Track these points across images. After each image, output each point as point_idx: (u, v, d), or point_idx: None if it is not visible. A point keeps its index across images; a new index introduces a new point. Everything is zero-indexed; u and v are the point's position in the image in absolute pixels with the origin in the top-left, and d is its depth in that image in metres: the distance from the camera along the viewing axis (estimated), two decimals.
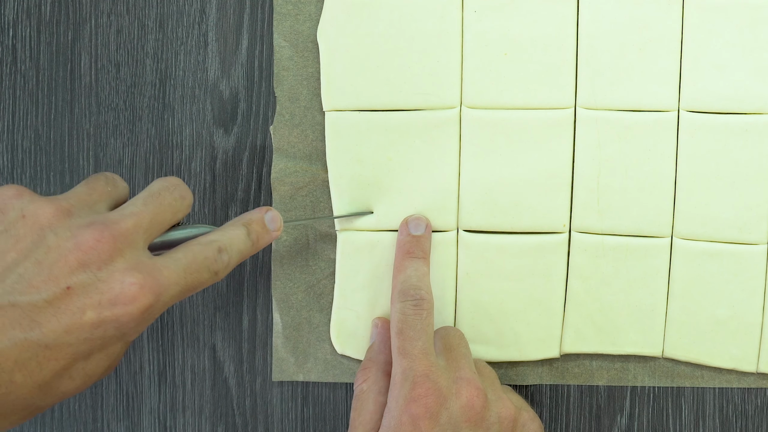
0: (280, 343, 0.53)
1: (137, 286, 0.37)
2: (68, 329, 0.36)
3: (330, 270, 0.52)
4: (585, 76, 0.50)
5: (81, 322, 0.36)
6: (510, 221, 0.51)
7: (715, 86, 0.49)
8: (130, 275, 0.37)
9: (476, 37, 0.50)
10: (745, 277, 0.50)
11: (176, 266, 0.39)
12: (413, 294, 0.47)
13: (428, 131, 0.51)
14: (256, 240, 0.44)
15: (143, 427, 0.54)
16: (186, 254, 0.40)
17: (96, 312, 0.36)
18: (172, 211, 0.41)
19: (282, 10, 0.51)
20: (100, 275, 0.37)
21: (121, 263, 0.37)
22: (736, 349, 0.51)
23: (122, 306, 0.37)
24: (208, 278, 0.40)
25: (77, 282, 0.36)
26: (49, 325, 0.36)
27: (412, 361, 0.45)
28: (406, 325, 0.46)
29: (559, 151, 0.50)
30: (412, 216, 0.51)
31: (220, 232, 0.42)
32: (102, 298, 0.36)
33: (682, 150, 0.50)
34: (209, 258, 0.40)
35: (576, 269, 0.51)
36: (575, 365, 0.53)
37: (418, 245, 0.50)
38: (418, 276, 0.49)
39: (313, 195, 0.52)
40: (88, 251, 0.37)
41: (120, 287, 0.37)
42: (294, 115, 0.52)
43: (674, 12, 0.49)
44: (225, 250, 0.41)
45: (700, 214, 0.50)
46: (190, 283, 0.40)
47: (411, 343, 0.46)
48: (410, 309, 0.47)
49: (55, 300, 0.36)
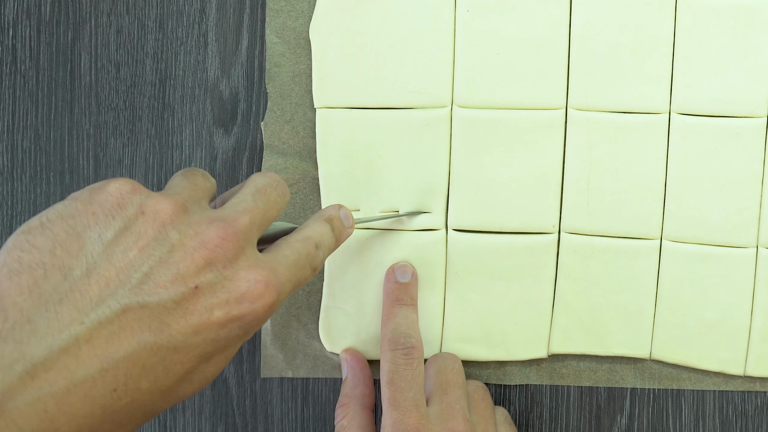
0: (269, 340, 0.53)
1: (263, 284, 0.36)
2: (197, 330, 0.35)
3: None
4: (577, 77, 0.50)
5: (209, 322, 0.35)
6: (499, 221, 0.51)
7: (707, 89, 0.49)
8: (256, 272, 0.36)
9: (469, 36, 0.50)
10: (734, 280, 0.50)
11: (287, 262, 0.39)
12: (404, 342, 0.47)
13: (419, 130, 0.51)
14: (338, 236, 0.44)
15: (143, 427, 0.54)
16: (292, 251, 0.40)
17: (224, 311, 0.35)
18: (277, 208, 0.41)
19: (275, 7, 0.51)
20: (227, 273, 0.36)
21: (244, 261, 0.36)
22: (724, 351, 0.51)
23: (249, 304, 0.36)
24: (309, 274, 0.40)
25: (205, 281, 0.35)
26: (178, 326, 0.34)
27: (403, 414, 0.45)
28: (398, 375, 0.46)
29: (549, 152, 0.50)
30: (398, 264, 0.51)
31: (310, 229, 0.42)
32: (229, 296, 0.36)
33: (673, 152, 0.50)
34: (311, 254, 0.40)
35: (565, 270, 0.51)
36: (563, 366, 0.53)
37: (406, 292, 0.50)
38: (408, 324, 0.49)
39: (303, 192, 0.52)
40: (214, 249, 0.36)
41: (246, 285, 0.36)
42: (285, 111, 0.52)
43: (667, 14, 0.49)
44: (320, 246, 0.41)
45: (690, 217, 0.50)
46: (298, 280, 0.39)
47: (402, 394, 0.45)
48: (401, 359, 0.47)
49: (183, 300, 0.35)
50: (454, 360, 0.49)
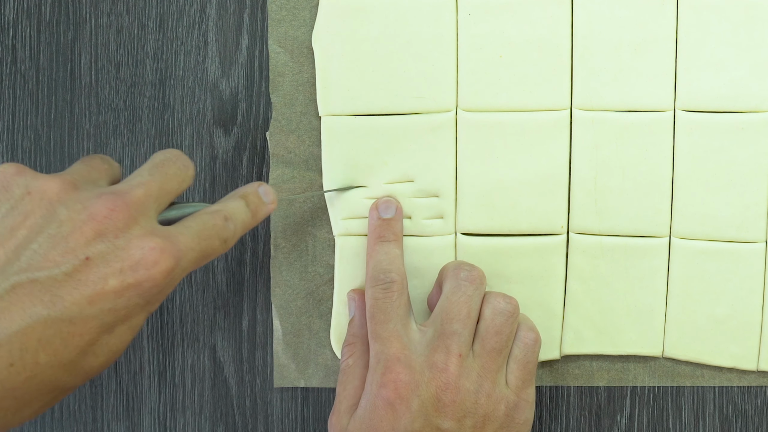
0: (281, 349, 0.53)
1: (157, 251, 0.37)
2: (91, 300, 0.35)
3: (329, 276, 0.52)
4: (580, 77, 0.50)
5: (104, 291, 0.36)
6: (508, 224, 0.51)
7: (711, 85, 0.49)
8: (149, 240, 0.37)
9: (471, 39, 0.50)
10: (744, 276, 0.50)
11: (189, 232, 0.39)
12: (383, 278, 0.47)
13: (424, 135, 0.51)
14: (255, 211, 0.44)
15: (143, 427, 0.54)
16: (197, 222, 0.40)
17: (118, 279, 0.36)
18: (177, 180, 0.41)
19: (277, 16, 0.51)
20: (118, 243, 0.36)
21: (137, 230, 0.37)
22: (736, 347, 0.51)
23: (144, 270, 0.36)
24: (218, 245, 0.41)
25: (96, 252, 0.36)
26: (71, 297, 0.35)
27: (383, 344, 0.45)
28: (377, 308, 0.46)
29: (555, 153, 0.50)
30: (381, 199, 0.51)
31: (221, 204, 0.42)
32: (123, 264, 0.36)
33: (679, 149, 0.50)
34: (218, 225, 0.41)
35: (575, 270, 0.51)
36: (575, 366, 0.53)
37: (389, 228, 0.50)
38: (389, 259, 0.48)
39: (311, 201, 0.52)
40: (103, 221, 0.36)
41: (140, 253, 0.36)
42: (290, 120, 0.52)
43: (669, 11, 0.49)
44: (230, 219, 0.41)
45: (698, 213, 0.50)
46: (204, 249, 0.40)
47: (382, 326, 0.46)
48: (380, 293, 0.46)
49: (74, 272, 0.35)
50: (478, 292, 0.47)
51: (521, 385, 0.47)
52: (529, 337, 0.47)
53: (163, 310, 0.54)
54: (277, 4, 0.51)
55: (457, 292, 0.46)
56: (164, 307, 0.54)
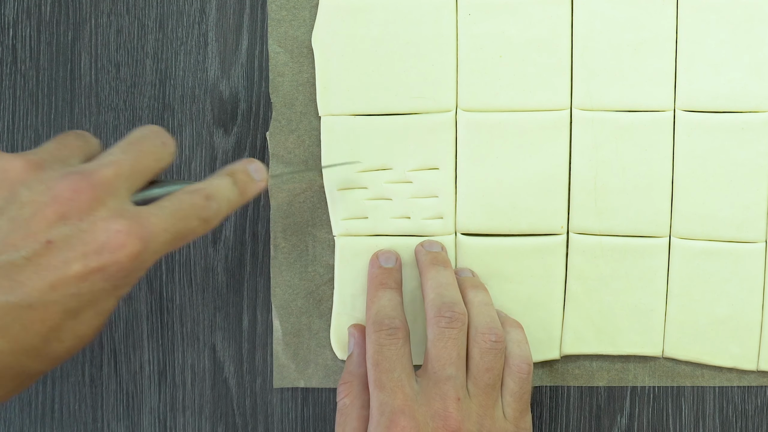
0: (281, 349, 0.53)
1: (123, 233, 0.35)
2: (53, 285, 0.34)
3: (329, 276, 0.52)
4: (580, 77, 0.50)
5: (66, 276, 0.34)
6: (508, 224, 0.51)
7: (711, 85, 0.49)
8: (115, 222, 0.35)
9: (471, 39, 0.50)
10: (744, 275, 0.50)
11: (163, 213, 0.37)
12: (388, 323, 0.46)
13: (424, 135, 0.51)
14: (243, 189, 0.42)
15: (143, 427, 0.54)
16: (172, 201, 0.38)
17: (82, 263, 0.34)
18: (154, 157, 0.39)
19: (276, 16, 0.51)
20: (82, 226, 0.35)
21: (103, 212, 0.35)
22: (736, 347, 0.51)
23: (109, 254, 0.35)
24: (197, 225, 0.39)
25: (58, 235, 0.34)
26: (31, 283, 0.34)
27: (388, 395, 0.44)
28: (382, 356, 0.45)
29: (555, 153, 0.50)
30: (381, 250, 0.51)
31: (205, 182, 0.41)
32: (87, 248, 0.35)
33: (679, 149, 0.50)
34: (197, 204, 0.39)
35: (575, 270, 0.51)
36: (575, 366, 0.53)
37: (390, 276, 0.49)
38: (392, 305, 0.47)
39: (311, 201, 0.52)
40: (66, 203, 0.35)
41: (105, 236, 0.35)
42: (290, 120, 0.52)
43: (668, 11, 0.49)
44: (213, 197, 0.40)
45: (698, 213, 0.50)
46: (179, 230, 0.38)
47: (387, 375, 0.44)
48: (385, 339, 0.45)
49: (35, 256, 0.34)
50: (462, 332, 0.46)
51: (518, 415, 0.47)
52: (524, 369, 0.47)
53: (163, 310, 0.54)
54: (277, 4, 0.51)
55: (442, 339, 0.46)
56: (164, 307, 0.54)
